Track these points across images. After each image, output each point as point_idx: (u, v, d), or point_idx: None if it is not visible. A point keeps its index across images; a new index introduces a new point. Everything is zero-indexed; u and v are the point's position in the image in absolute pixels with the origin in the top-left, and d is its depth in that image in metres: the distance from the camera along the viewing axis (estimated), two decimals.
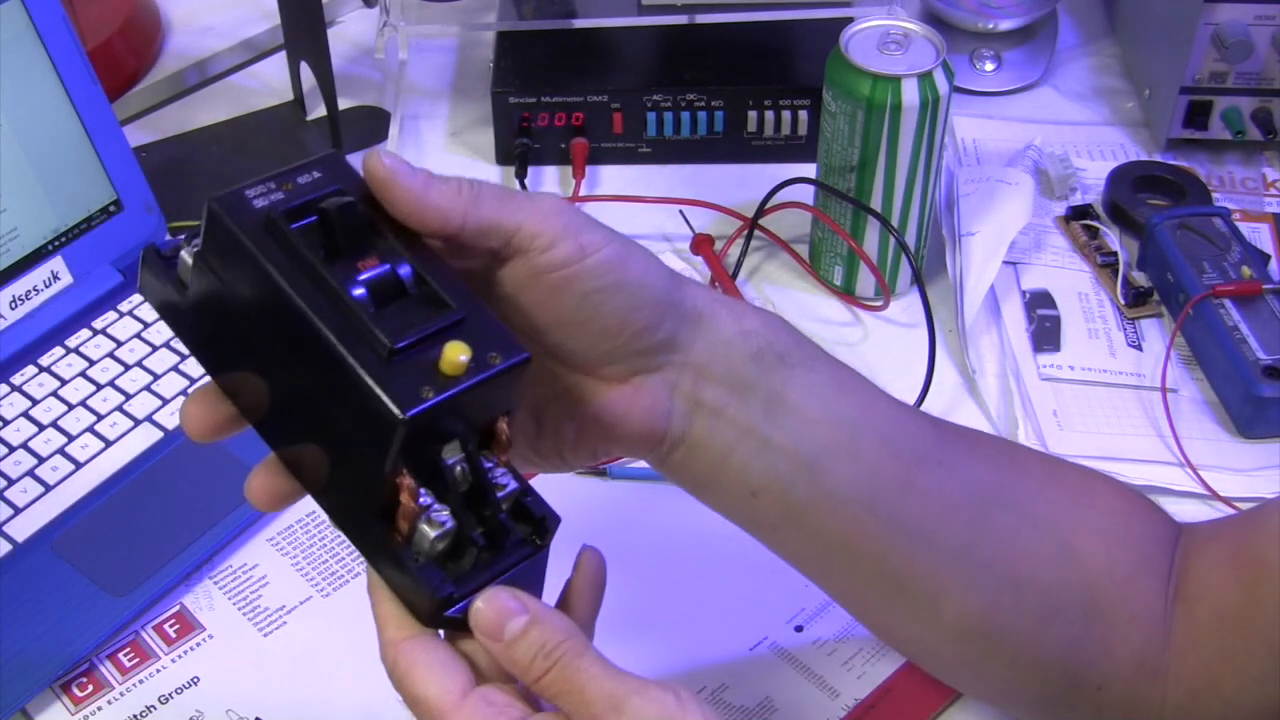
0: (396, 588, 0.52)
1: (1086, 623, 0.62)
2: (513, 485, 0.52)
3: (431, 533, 0.50)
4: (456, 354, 0.48)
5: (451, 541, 0.50)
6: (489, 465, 0.52)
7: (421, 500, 0.50)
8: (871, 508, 0.59)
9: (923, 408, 0.87)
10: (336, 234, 0.51)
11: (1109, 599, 0.62)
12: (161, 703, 0.74)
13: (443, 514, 0.50)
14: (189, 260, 0.53)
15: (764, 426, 0.58)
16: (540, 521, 0.52)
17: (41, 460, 0.83)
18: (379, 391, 0.48)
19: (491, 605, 0.49)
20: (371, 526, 0.51)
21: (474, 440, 0.51)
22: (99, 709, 0.73)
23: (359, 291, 0.50)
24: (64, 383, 0.87)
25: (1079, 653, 0.62)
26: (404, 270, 0.51)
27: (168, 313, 0.55)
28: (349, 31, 1.20)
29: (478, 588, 0.50)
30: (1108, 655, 0.62)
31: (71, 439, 0.84)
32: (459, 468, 0.51)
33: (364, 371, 0.48)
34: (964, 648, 0.63)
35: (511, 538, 0.52)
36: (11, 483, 0.82)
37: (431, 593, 0.50)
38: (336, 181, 0.52)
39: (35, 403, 0.86)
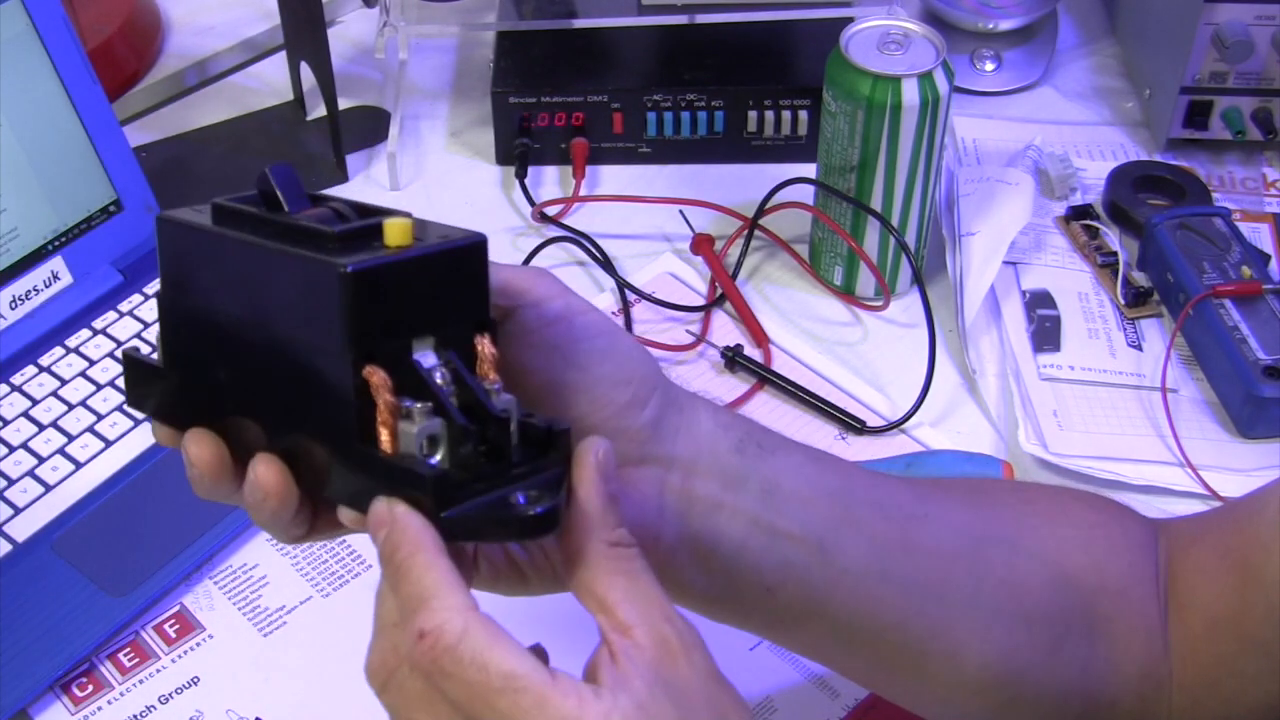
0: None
1: (1091, 642, 0.62)
2: (508, 398, 0.47)
3: (413, 429, 0.45)
4: (398, 227, 0.46)
5: (448, 452, 0.45)
6: (473, 383, 0.47)
7: (403, 404, 0.46)
8: (885, 576, 0.58)
9: (923, 408, 0.87)
10: (276, 193, 0.49)
11: (1106, 614, 0.62)
12: (161, 703, 0.74)
13: (427, 409, 0.45)
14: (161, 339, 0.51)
15: (766, 515, 0.56)
16: (546, 434, 0.47)
17: (41, 460, 0.83)
18: (320, 259, 0.45)
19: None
20: (353, 451, 0.46)
21: (449, 348, 0.47)
22: (99, 709, 0.74)
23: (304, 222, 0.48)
24: (64, 383, 0.87)
25: (1089, 674, 0.62)
26: (345, 207, 0.49)
27: (165, 408, 0.53)
28: (349, 31, 1.20)
29: (487, 489, 0.45)
30: (1115, 671, 0.62)
31: (71, 439, 0.84)
32: (439, 372, 0.46)
33: (311, 255, 0.45)
34: (989, 698, 0.62)
35: (521, 454, 0.47)
36: (11, 483, 0.82)
37: (421, 479, 0.44)
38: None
39: (35, 403, 0.86)
